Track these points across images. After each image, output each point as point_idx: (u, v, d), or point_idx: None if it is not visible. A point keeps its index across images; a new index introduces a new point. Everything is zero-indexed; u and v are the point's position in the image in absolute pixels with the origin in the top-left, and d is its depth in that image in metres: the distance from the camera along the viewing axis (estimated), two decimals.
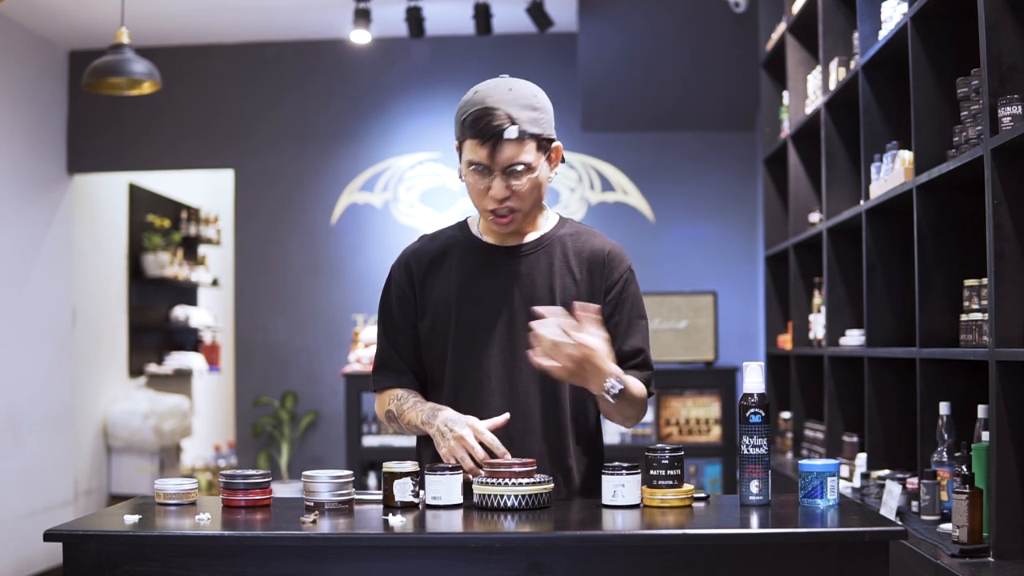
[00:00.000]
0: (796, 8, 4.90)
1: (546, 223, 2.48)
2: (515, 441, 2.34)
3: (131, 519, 2.10)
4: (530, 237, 2.45)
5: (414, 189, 7.03)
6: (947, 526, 2.90)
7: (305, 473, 2.25)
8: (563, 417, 2.39)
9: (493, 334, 2.38)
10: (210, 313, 8.36)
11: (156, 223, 7.72)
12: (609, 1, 6.30)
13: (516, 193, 2.33)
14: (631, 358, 2.41)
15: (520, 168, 2.32)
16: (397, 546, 2.02)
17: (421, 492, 2.25)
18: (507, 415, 2.31)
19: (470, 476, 2.25)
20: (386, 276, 2.51)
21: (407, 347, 2.46)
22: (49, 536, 2.03)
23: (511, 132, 2.29)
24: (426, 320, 2.44)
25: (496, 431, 2.31)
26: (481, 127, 2.29)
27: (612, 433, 5.66)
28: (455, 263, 2.44)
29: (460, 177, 2.41)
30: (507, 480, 2.16)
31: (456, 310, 2.40)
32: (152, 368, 7.68)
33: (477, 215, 2.50)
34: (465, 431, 2.28)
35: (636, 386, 2.34)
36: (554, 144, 2.39)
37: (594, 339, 2.20)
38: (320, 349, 7.02)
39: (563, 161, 2.45)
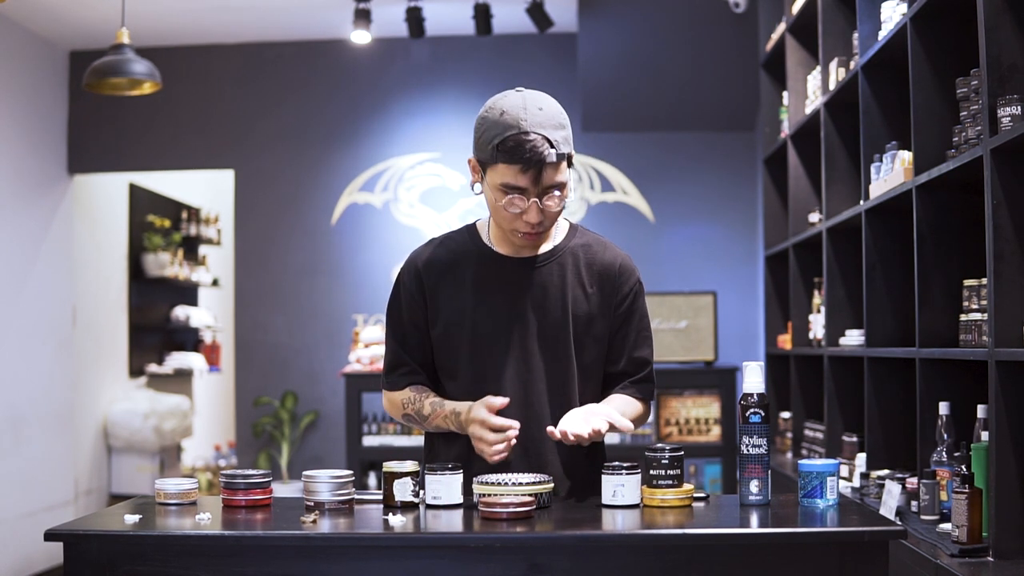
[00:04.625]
0: (796, 8, 4.90)
1: (558, 233, 2.46)
2: (529, 450, 2.37)
3: (131, 519, 2.10)
4: (544, 248, 2.43)
5: (414, 189, 7.02)
6: (947, 526, 2.90)
7: (305, 473, 2.26)
8: None
9: (507, 346, 2.38)
10: (210, 313, 8.36)
11: (156, 223, 7.72)
12: (609, 1, 6.30)
13: (550, 215, 2.32)
14: (636, 371, 2.46)
15: (557, 190, 2.29)
16: (397, 546, 2.02)
17: (421, 492, 2.25)
18: (507, 399, 2.32)
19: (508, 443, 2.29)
20: (394, 280, 2.49)
21: (417, 349, 2.45)
22: (50, 536, 2.03)
23: (551, 157, 2.24)
24: (438, 328, 2.41)
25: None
26: (523, 155, 2.23)
27: (611, 433, 5.65)
28: (468, 273, 2.41)
29: (473, 190, 2.37)
30: (507, 480, 2.16)
31: (471, 322, 2.39)
32: (152, 368, 7.68)
33: (485, 220, 2.48)
34: (476, 430, 2.30)
35: (629, 411, 2.45)
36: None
37: (600, 423, 2.28)
38: (320, 349, 7.02)
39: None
